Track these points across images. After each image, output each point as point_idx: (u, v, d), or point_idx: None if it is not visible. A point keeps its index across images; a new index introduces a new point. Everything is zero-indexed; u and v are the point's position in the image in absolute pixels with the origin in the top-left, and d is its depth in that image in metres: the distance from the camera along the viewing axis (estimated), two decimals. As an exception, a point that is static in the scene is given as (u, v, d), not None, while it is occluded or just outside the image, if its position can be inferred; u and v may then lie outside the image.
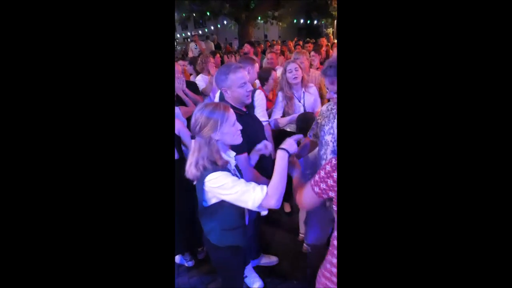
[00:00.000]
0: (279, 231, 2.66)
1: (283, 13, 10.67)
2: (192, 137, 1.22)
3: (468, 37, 0.64)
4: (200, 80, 3.08)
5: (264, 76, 2.70)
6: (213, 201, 1.24)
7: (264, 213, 1.38)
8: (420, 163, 0.67)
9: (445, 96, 0.65)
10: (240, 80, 1.51)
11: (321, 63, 3.56)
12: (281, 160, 1.17)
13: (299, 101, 2.48)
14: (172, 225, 0.80)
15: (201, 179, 1.19)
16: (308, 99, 2.50)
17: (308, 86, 2.53)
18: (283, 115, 2.49)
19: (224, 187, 1.16)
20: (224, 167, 1.20)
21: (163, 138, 0.78)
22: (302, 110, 2.46)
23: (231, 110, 1.23)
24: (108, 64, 0.72)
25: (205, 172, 1.17)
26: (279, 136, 2.22)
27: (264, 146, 1.50)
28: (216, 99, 2.31)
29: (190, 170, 1.19)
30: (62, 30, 0.69)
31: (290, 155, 1.21)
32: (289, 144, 1.21)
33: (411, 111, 0.67)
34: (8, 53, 0.65)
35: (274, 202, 1.15)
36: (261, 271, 2.14)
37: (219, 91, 2.07)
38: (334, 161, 1.02)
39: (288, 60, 2.78)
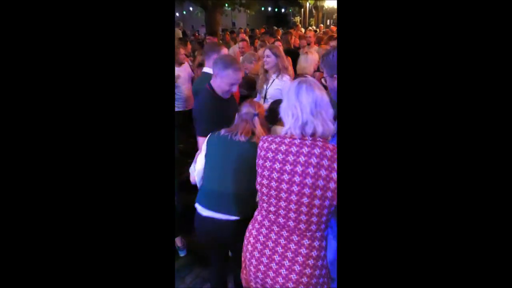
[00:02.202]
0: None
1: (251, 0, 10.50)
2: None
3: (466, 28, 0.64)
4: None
5: None
6: None
7: None
8: (419, 164, 0.66)
9: (447, 101, 0.65)
10: (235, 80, 1.74)
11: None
12: None
13: (266, 89, 2.42)
14: (172, 211, 0.80)
15: None
16: (273, 86, 2.39)
17: (282, 74, 2.39)
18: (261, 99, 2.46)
19: None
20: None
21: (163, 129, 0.77)
22: (262, 100, 2.42)
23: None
24: (106, 61, 0.71)
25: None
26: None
27: None
28: None
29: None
30: (62, 25, 0.69)
31: None
32: None
33: (411, 107, 0.67)
34: (7, 53, 0.66)
35: None
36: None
37: None
38: None
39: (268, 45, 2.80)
